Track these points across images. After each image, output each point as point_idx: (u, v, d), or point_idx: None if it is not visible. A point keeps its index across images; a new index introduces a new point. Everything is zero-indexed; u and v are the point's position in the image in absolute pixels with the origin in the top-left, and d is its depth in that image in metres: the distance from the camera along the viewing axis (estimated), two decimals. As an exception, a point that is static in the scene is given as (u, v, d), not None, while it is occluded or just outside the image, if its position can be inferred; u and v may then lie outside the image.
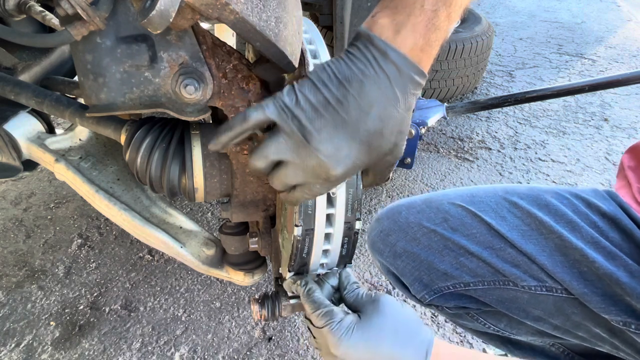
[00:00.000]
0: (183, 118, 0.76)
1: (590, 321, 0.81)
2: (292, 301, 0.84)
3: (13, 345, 1.52)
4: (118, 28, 0.69)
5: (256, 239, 1.00)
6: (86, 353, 1.51)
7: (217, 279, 1.77)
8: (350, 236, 0.78)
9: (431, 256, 0.92)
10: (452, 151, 2.61)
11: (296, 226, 0.74)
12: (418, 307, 1.66)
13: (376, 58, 0.54)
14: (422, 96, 2.53)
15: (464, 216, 0.91)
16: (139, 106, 0.74)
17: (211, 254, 1.11)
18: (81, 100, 1.08)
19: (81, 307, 1.66)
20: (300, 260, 0.79)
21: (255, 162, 0.60)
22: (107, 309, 1.65)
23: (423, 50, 0.55)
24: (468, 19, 2.95)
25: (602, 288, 0.78)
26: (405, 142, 0.60)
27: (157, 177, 0.88)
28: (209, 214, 2.11)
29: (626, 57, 3.78)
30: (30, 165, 1.17)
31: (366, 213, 2.15)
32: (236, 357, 1.51)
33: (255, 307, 0.84)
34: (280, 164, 0.60)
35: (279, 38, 0.68)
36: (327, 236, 0.77)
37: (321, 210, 0.74)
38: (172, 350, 1.53)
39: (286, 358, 1.51)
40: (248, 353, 1.52)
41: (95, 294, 1.71)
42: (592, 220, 0.85)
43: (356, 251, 1.20)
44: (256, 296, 0.86)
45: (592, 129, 2.84)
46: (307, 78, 0.56)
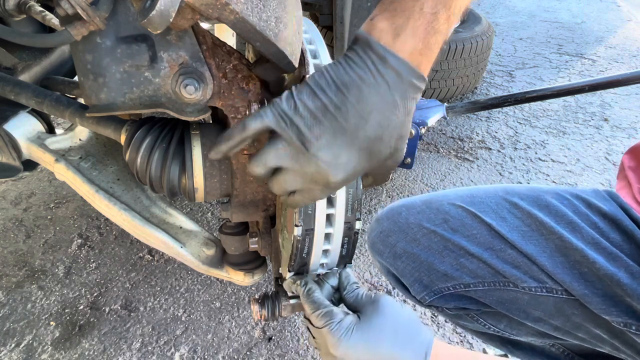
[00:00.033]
0: (183, 118, 0.76)
1: (590, 322, 0.81)
2: (292, 301, 0.84)
3: (13, 345, 1.52)
4: (118, 28, 0.69)
5: (256, 239, 1.00)
6: (86, 353, 1.51)
7: (217, 279, 1.77)
8: (350, 236, 0.78)
9: (431, 257, 0.92)
10: (452, 151, 2.61)
11: (296, 226, 0.74)
12: (418, 308, 1.66)
13: (375, 64, 0.54)
14: (422, 96, 2.53)
15: (464, 217, 0.91)
16: (139, 106, 0.74)
17: (211, 254, 1.11)
18: (81, 100, 1.08)
19: (81, 307, 1.66)
20: (300, 260, 0.79)
21: (254, 169, 0.59)
22: (107, 309, 1.65)
23: (422, 54, 0.55)
24: (468, 19, 2.95)
25: (603, 289, 0.78)
26: (405, 146, 0.59)
27: (157, 177, 0.88)
28: (209, 214, 2.11)
29: (626, 57, 3.78)
30: (30, 165, 1.17)
31: (366, 213, 2.14)
32: (236, 357, 1.51)
33: (255, 307, 0.84)
34: (279, 170, 0.59)
35: (279, 38, 0.68)
36: (327, 236, 0.77)
37: (321, 210, 0.74)
38: (172, 350, 1.53)
39: (286, 358, 1.51)
40: (248, 353, 1.52)
41: (95, 294, 1.71)
42: (593, 221, 0.84)
43: (356, 251, 1.20)
44: (256, 296, 0.86)
45: (592, 129, 2.84)
46: (306, 84, 0.56)
